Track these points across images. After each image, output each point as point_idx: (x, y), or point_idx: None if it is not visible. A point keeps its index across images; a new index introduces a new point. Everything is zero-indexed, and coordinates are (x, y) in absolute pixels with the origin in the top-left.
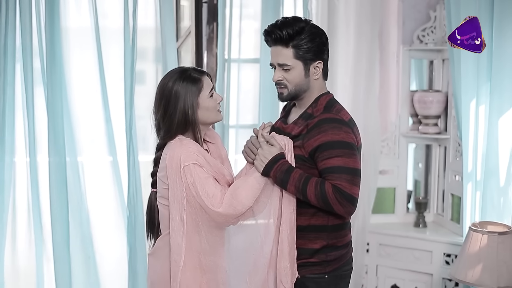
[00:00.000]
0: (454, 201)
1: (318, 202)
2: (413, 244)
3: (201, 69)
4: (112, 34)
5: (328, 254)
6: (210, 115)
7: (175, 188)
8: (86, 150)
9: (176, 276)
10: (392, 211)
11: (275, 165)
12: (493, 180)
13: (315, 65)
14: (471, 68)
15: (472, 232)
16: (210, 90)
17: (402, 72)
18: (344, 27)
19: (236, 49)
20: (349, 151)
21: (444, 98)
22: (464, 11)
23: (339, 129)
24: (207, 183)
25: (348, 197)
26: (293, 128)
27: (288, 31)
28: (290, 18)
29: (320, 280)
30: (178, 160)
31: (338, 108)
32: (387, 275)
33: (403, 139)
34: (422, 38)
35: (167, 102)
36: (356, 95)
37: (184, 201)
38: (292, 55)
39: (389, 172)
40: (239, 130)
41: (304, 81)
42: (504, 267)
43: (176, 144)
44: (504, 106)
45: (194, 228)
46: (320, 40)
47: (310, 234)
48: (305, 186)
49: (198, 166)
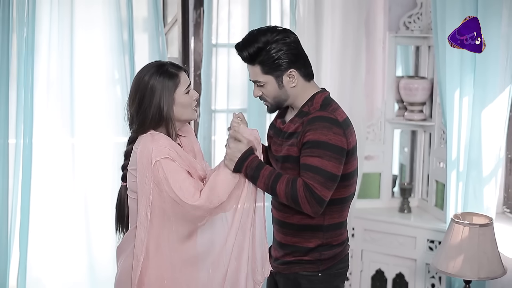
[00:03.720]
0: (438, 188)
1: (287, 199)
2: (397, 230)
3: (178, 65)
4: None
5: (322, 253)
6: (184, 112)
7: (143, 183)
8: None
9: (136, 270)
10: (378, 196)
11: (245, 162)
12: (476, 171)
13: (288, 74)
14: (456, 58)
15: (454, 224)
16: (187, 87)
17: (388, 59)
18: (331, 13)
19: (225, 34)
20: (332, 153)
21: (429, 85)
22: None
23: (329, 129)
24: (179, 177)
25: (318, 198)
26: (290, 126)
27: (249, 51)
28: (253, 34)
29: (313, 278)
30: (150, 155)
31: (334, 107)
32: (371, 260)
33: (389, 125)
34: (408, 24)
35: (142, 96)
36: (342, 81)
37: (150, 197)
38: (260, 72)
39: (374, 157)
40: (228, 115)
41: (280, 92)
42: (485, 258)
43: (147, 139)
44: (487, 99)
45: (163, 224)
46: (286, 50)
47: (305, 233)
48: (275, 183)
49: (170, 160)
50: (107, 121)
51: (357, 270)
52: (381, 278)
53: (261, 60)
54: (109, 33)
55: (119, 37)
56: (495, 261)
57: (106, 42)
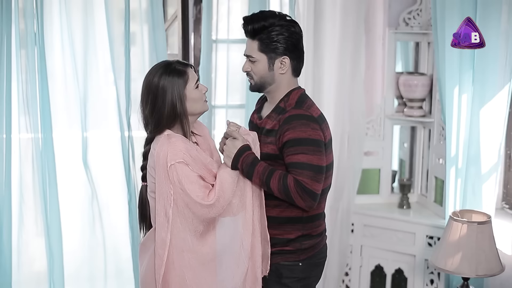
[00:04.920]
0: (438, 184)
1: (280, 194)
2: (396, 226)
3: (185, 62)
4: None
5: (302, 243)
6: (197, 106)
7: (161, 184)
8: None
9: (160, 269)
10: (377, 192)
11: (240, 157)
12: (474, 168)
13: (280, 60)
14: (455, 55)
15: (452, 221)
16: (196, 82)
17: (388, 55)
18: (331, 10)
19: (225, 30)
20: (314, 148)
21: (429, 82)
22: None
23: (307, 125)
24: (191, 180)
25: (309, 192)
26: (267, 122)
27: (254, 25)
28: (264, 13)
29: (294, 268)
30: (165, 158)
31: (309, 104)
32: (371, 255)
33: (388, 121)
34: (408, 21)
35: (154, 97)
36: (342, 78)
37: (170, 197)
38: (257, 48)
39: (374, 153)
40: (228, 110)
41: (268, 74)
42: (483, 256)
43: (164, 141)
44: (486, 96)
45: (179, 225)
46: (288, 37)
47: (285, 225)
48: (269, 179)
49: (184, 164)
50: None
51: (356, 265)
52: (380, 273)
53: (261, 37)
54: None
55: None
56: (493, 258)
57: (108, 33)
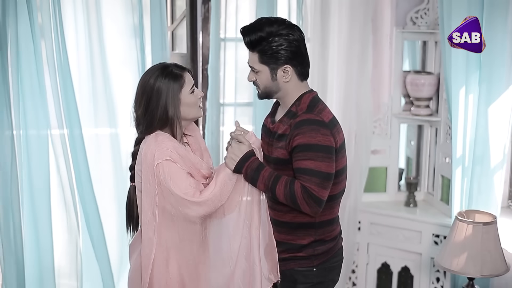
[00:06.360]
0: (444, 183)
1: (286, 200)
2: (403, 224)
3: (182, 66)
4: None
5: (315, 249)
6: (191, 111)
7: (148, 183)
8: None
9: (147, 269)
10: (384, 190)
11: (246, 162)
12: (481, 167)
13: (283, 69)
14: (462, 54)
15: (457, 222)
16: (192, 87)
17: (395, 54)
18: (337, 8)
19: (233, 28)
20: (323, 154)
21: (436, 81)
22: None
23: (317, 131)
24: (179, 177)
25: (316, 199)
26: (279, 127)
27: (251, 37)
28: (260, 22)
29: (309, 273)
30: (152, 158)
31: (321, 108)
32: (377, 253)
33: (395, 119)
34: (415, 20)
35: (148, 99)
36: (349, 77)
37: (156, 197)
38: (257, 60)
39: (381, 152)
40: (237, 108)
41: (272, 84)
42: (488, 256)
43: (151, 141)
44: (492, 96)
45: (167, 223)
46: (287, 46)
47: (298, 231)
48: (275, 184)
49: (171, 162)
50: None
51: (363, 263)
52: (386, 271)
53: (261, 49)
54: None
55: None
56: (498, 259)
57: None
